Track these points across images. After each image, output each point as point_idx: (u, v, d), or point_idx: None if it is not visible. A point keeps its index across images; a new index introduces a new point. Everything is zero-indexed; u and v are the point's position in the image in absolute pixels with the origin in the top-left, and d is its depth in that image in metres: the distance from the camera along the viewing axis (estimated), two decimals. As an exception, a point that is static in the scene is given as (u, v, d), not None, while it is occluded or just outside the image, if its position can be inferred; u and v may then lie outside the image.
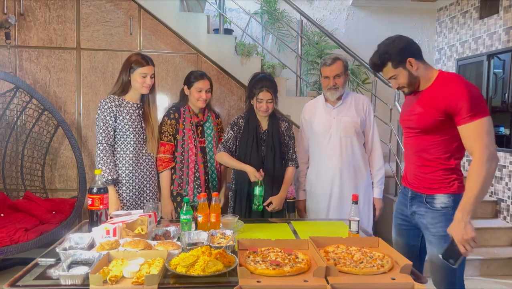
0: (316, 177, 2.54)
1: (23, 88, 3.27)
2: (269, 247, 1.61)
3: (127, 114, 2.30)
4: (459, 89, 1.64)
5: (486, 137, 1.61)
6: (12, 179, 3.57)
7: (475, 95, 1.63)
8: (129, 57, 2.33)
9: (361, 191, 2.48)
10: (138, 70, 2.27)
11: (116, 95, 2.31)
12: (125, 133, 2.29)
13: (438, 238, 1.77)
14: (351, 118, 2.46)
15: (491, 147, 1.61)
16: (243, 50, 3.80)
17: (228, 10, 4.64)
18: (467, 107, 1.61)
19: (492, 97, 4.23)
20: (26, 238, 2.83)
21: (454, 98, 1.64)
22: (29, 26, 3.56)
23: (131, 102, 2.34)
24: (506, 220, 3.91)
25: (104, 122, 2.25)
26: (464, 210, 1.60)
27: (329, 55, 2.48)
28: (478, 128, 1.61)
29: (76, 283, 1.31)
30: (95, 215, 1.79)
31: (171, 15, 3.63)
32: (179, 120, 2.49)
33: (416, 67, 1.74)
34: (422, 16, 5.22)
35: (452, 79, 1.70)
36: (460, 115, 1.63)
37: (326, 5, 5.08)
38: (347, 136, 2.45)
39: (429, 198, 1.79)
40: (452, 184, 1.75)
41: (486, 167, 1.58)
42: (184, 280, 1.36)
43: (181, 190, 2.48)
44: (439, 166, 1.76)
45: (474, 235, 1.57)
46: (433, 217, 1.78)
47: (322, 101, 2.55)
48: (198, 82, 2.47)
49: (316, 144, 2.54)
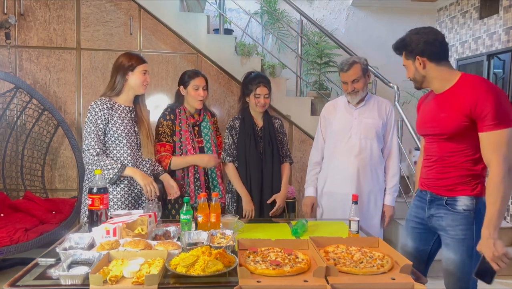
0: (332, 175, 2.46)
1: (23, 88, 3.27)
2: (269, 247, 1.61)
3: (118, 118, 2.16)
4: (486, 94, 1.57)
5: (506, 149, 1.55)
6: (12, 179, 3.57)
7: (503, 102, 1.57)
8: (122, 57, 2.21)
9: (374, 195, 2.44)
10: (139, 67, 2.19)
11: (107, 97, 2.18)
12: (118, 138, 2.16)
13: (456, 241, 1.73)
14: (373, 120, 2.41)
15: (510, 159, 1.56)
16: (243, 50, 3.80)
17: (228, 10, 4.64)
18: (492, 115, 1.55)
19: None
20: (26, 238, 2.83)
21: (481, 104, 1.57)
22: (29, 26, 3.56)
23: (123, 105, 2.22)
24: (506, 220, 3.91)
25: (95, 126, 2.10)
26: (490, 227, 1.56)
27: (347, 59, 2.41)
28: (499, 138, 1.56)
29: (76, 283, 1.31)
30: (95, 215, 1.79)
31: (171, 15, 3.63)
32: (175, 122, 2.47)
33: (424, 66, 1.69)
34: (422, 16, 5.21)
35: (479, 83, 1.63)
36: (483, 121, 1.58)
37: (326, 5, 5.08)
38: (367, 138, 2.39)
39: (450, 200, 1.74)
40: (475, 187, 1.70)
41: (506, 181, 1.54)
42: (184, 280, 1.35)
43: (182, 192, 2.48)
44: (463, 172, 1.70)
45: (506, 251, 1.54)
46: (453, 219, 1.73)
47: (344, 101, 2.50)
48: (194, 80, 2.45)
49: (333, 142, 2.47)
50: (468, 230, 1.71)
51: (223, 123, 3.82)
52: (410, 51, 1.71)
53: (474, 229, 1.70)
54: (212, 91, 3.79)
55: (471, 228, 1.70)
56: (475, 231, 1.69)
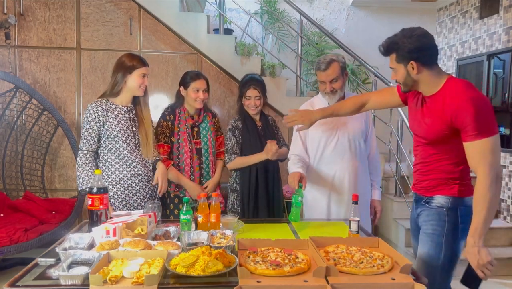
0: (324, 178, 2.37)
1: (23, 88, 3.27)
2: (269, 247, 1.61)
3: (115, 119, 2.19)
4: (467, 104, 1.55)
5: (491, 157, 1.55)
6: (12, 179, 3.57)
7: (483, 112, 1.56)
8: (124, 58, 2.23)
9: (366, 193, 2.43)
10: (139, 70, 2.19)
11: (104, 98, 2.21)
12: (114, 139, 2.18)
13: (425, 235, 1.77)
14: (355, 119, 2.35)
15: (496, 167, 1.56)
16: (243, 50, 3.80)
17: (228, 10, 4.64)
18: (473, 125, 1.54)
19: (492, 97, 4.23)
20: (26, 238, 2.83)
21: (461, 114, 1.56)
22: (29, 26, 3.56)
23: (121, 105, 2.23)
24: (506, 220, 3.91)
25: (88, 127, 2.15)
26: (475, 235, 1.57)
27: (323, 57, 2.31)
28: (483, 148, 1.55)
29: (76, 283, 1.31)
30: (95, 215, 1.79)
31: (171, 15, 3.63)
32: (174, 123, 2.49)
33: (417, 71, 1.66)
34: (422, 16, 5.22)
35: (461, 91, 1.60)
36: (465, 132, 1.58)
37: (326, 5, 5.08)
38: (355, 138, 2.35)
39: (429, 199, 1.78)
40: (453, 187, 1.72)
41: (492, 190, 1.55)
42: (184, 280, 1.35)
43: (177, 192, 2.50)
44: (443, 175, 1.72)
45: (490, 259, 1.54)
46: (427, 214, 1.77)
47: (321, 102, 2.39)
48: (195, 82, 2.46)
49: (318, 146, 2.37)
50: (438, 226, 1.73)
51: (223, 123, 3.82)
52: (403, 55, 1.66)
53: (446, 227, 1.71)
54: (212, 91, 3.78)
55: (442, 224, 1.72)
56: (447, 229, 1.71)
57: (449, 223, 1.70)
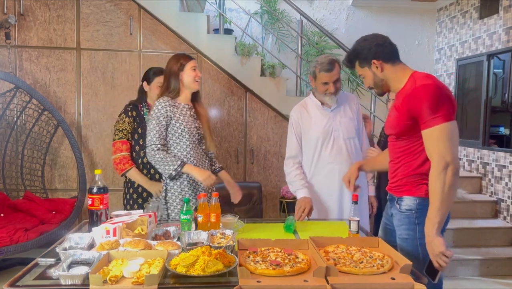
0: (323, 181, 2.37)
1: (23, 88, 3.27)
2: (269, 247, 1.61)
3: (180, 115, 2.24)
4: (419, 91, 1.57)
5: (443, 144, 1.53)
6: (12, 179, 3.57)
7: (435, 98, 1.54)
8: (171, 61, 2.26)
9: (364, 193, 2.43)
10: (188, 65, 2.24)
11: (169, 97, 2.25)
12: (180, 134, 2.23)
13: (401, 241, 1.75)
14: (349, 118, 2.38)
15: (447, 155, 1.52)
16: (243, 50, 3.80)
17: (228, 10, 4.64)
18: (426, 111, 1.54)
19: (492, 97, 4.24)
20: (26, 238, 2.83)
21: (413, 101, 1.57)
22: (29, 26, 3.56)
23: (183, 103, 2.29)
24: (506, 220, 3.91)
25: (157, 122, 2.19)
26: (429, 225, 1.55)
27: (323, 58, 2.31)
28: (435, 135, 1.54)
29: (76, 283, 1.31)
30: (95, 215, 1.79)
31: (171, 15, 3.63)
32: (137, 119, 2.49)
33: (382, 69, 1.69)
34: (422, 16, 5.22)
35: (419, 80, 1.61)
36: (420, 120, 1.57)
37: (326, 5, 5.08)
38: (350, 138, 2.36)
39: (399, 200, 1.76)
40: (419, 188, 1.69)
41: (442, 177, 1.52)
42: (184, 280, 1.35)
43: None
44: (410, 172, 1.70)
45: (443, 250, 1.51)
46: (399, 219, 1.76)
47: (315, 104, 2.40)
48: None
49: (315, 149, 2.37)
50: (411, 230, 1.71)
51: (223, 123, 3.83)
52: (364, 58, 1.71)
53: (417, 229, 1.69)
54: (212, 91, 3.80)
55: (414, 228, 1.70)
56: (419, 231, 1.68)
57: (420, 226, 1.65)
